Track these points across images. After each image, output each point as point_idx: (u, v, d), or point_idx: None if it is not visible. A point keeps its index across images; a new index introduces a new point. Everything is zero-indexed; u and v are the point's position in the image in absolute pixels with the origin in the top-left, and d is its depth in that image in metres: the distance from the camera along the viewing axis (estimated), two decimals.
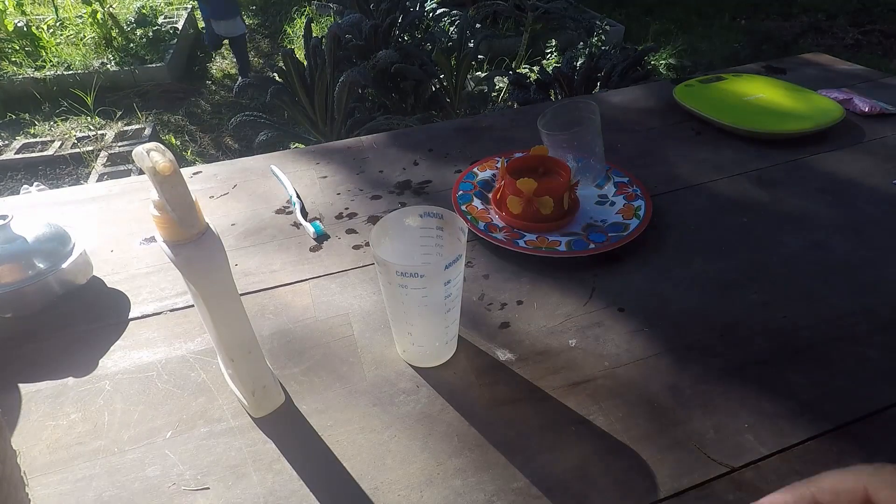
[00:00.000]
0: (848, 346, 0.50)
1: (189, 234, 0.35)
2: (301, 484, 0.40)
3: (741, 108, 0.86)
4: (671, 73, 3.18)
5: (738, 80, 0.95)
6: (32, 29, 3.28)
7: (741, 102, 0.87)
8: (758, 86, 0.92)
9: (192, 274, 0.36)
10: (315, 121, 2.00)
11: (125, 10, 3.69)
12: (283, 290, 0.57)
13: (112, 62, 3.20)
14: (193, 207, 0.34)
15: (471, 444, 0.42)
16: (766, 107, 0.86)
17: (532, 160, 0.67)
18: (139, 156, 0.32)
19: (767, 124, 0.81)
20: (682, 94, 0.90)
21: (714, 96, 0.90)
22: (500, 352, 0.50)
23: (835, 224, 0.64)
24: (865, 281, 0.56)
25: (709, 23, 3.85)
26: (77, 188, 0.75)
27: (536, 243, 0.61)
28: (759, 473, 0.40)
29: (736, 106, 0.86)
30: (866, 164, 0.75)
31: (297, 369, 0.49)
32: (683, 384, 0.46)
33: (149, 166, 0.32)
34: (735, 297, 0.55)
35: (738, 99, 0.88)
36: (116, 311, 0.55)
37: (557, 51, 3.22)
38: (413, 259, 0.48)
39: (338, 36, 1.89)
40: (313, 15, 4.05)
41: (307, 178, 0.76)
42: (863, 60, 1.18)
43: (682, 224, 0.65)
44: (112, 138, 2.55)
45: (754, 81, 0.94)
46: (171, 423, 0.44)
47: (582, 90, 1.99)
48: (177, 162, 0.32)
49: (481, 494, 0.39)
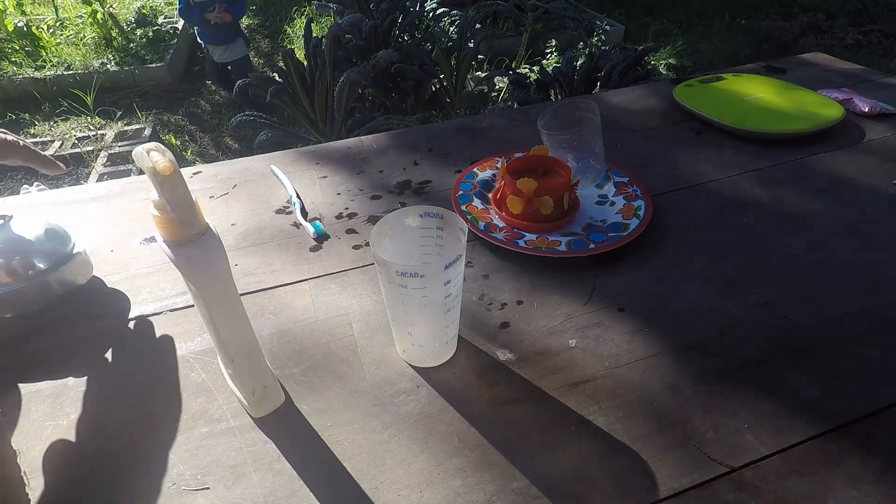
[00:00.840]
0: (848, 346, 0.50)
1: (189, 234, 0.35)
2: (301, 484, 0.40)
3: (741, 108, 0.86)
4: (671, 73, 3.18)
5: (738, 80, 0.95)
6: (32, 29, 3.28)
7: (741, 102, 0.87)
8: (758, 86, 0.92)
9: (192, 274, 0.36)
10: (315, 121, 2.00)
11: (125, 10, 3.69)
12: (283, 290, 0.57)
13: (112, 62, 3.20)
14: (193, 207, 0.34)
15: (471, 444, 0.42)
16: (766, 107, 0.86)
17: (532, 160, 0.67)
18: (139, 156, 0.32)
19: (767, 124, 0.81)
20: (682, 95, 0.91)
21: (714, 96, 0.90)
22: (500, 352, 0.50)
23: (835, 224, 0.64)
24: (865, 281, 0.56)
25: (709, 23, 3.85)
26: (77, 188, 0.75)
27: (536, 243, 0.61)
28: (759, 473, 0.40)
29: (736, 106, 0.86)
30: (866, 164, 0.75)
31: (297, 369, 0.49)
32: (683, 384, 0.46)
33: (149, 166, 0.32)
34: (735, 297, 0.55)
35: (738, 99, 0.88)
36: (116, 312, 0.55)
37: (557, 51, 3.21)
38: (413, 259, 0.48)
39: (338, 36, 1.89)
40: (313, 15, 4.06)
41: (307, 178, 0.76)
42: (863, 60, 1.18)
43: (682, 224, 0.65)
44: (112, 138, 2.55)
45: (754, 81, 0.94)
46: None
47: (582, 90, 1.99)
48: (177, 162, 0.32)
49: (481, 494, 0.39)
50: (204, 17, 2.57)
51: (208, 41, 2.73)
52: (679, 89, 0.92)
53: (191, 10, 2.57)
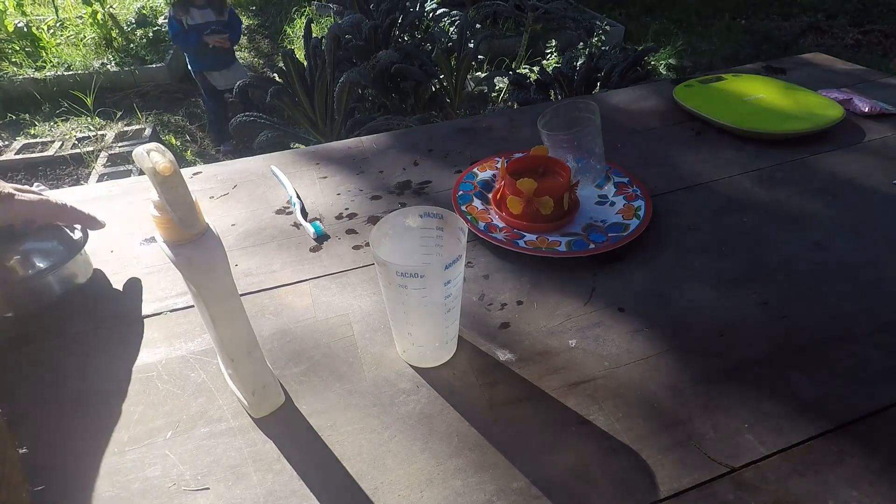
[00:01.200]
0: (848, 346, 0.50)
1: (189, 234, 0.35)
2: (301, 484, 0.40)
3: (741, 108, 0.86)
4: (671, 73, 3.18)
5: (738, 80, 0.95)
6: (32, 29, 3.29)
7: (741, 102, 0.87)
8: (758, 86, 0.92)
9: (192, 274, 0.36)
10: (315, 121, 2.00)
11: (125, 10, 3.69)
12: (283, 290, 0.57)
13: (112, 62, 3.20)
14: (193, 208, 0.34)
15: (471, 444, 0.42)
16: (766, 107, 0.86)
17: (532, 160, 0.67)
18: (139, 156, 0.32)
19: (767, 124, 0.81)
20: (682, 95, 0.90)
21: (714, 96, 0.90)
22: (500, 352, 0.50)
23: (835, 224, 0.64)
24: (865, 281, 0.56)
25: (709, 23, 3.86)
26: (77, 188, 0.76)
27: (536, 243, 0.61)
28: (759, 473, 0.40)
29: (736, 106, 0.86)
30: (866, 164, 0.75)
31: (297, 369, 0.49)
32: (683, 384, 0.46)
33: (149, 167, 0.32)
34: (735, 297, 0.55)
35: (737, 99, 0.88)
36: (116, 312, 0.55)
37: (557, 51, 3.22)
38: (413, 259, 0.48)
39: (338, 36, 1.89)
40: (313, 15, 4.06)
41: (307, 179, 0.76)
42: (863, 60, 1.18)
43: (682, 224, 0.65)
44: (112, 139, 2.55)
45: (754, 81, 0.94)
46: (171, 424, 0.44)
47: (582, 90, 1.99)
48: (177, 162, 0.32)
49: (481, 494, 0.39)
50: (201, 41, 2.36)
51: (207, 67, 2.46)
52: (679, 89, 0.92)
53: (186, 34, 2.35)
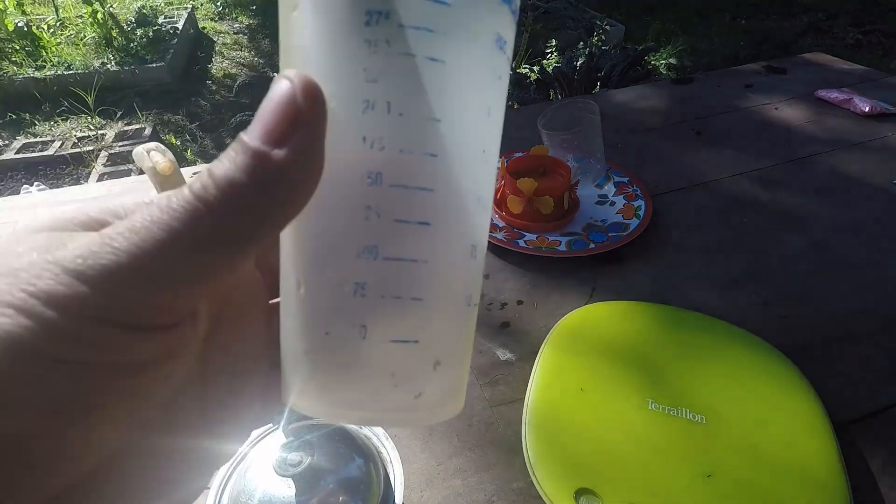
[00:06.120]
0: (848, 346, 0.50)
1: None
2: None
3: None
4: (671, 72, 3.18)
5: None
6: (33, 29, 3.29)
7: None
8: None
9: None
10: None
11: (125, 10, 3.69)
12: None
13: (112, 62, 3.20)
14: None
15: (471, 444, 0.42)
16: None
17: (532, 160, 0.67)
18: (139, 156, 0.32)
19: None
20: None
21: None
22: (500, 352, 0.50)
23: (835, 224, 0.64)
24: (865, 281, 0.56)
25: (709, 23, 3.86)
26: (77, 188, 0.76)
27: (536, 243, 0.61)
28: None
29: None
30: (866, 164, 0.75)
31: None
32: None
33: (149, 166, 0.32)
34: (735, 297, 0.55)
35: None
36: None
37: (557, 50, 3.21)
38: None
39: None
40: None
41: None
42: (863, 60, 1.18)
43: (682, 224, 0.65)
44: (112, 138, 2.55)
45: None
46: None
47: (582, 90, 1.99)
48: (177, 162, 0.32)
49: (481, 494, 0.39)
50: None
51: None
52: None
53: None
